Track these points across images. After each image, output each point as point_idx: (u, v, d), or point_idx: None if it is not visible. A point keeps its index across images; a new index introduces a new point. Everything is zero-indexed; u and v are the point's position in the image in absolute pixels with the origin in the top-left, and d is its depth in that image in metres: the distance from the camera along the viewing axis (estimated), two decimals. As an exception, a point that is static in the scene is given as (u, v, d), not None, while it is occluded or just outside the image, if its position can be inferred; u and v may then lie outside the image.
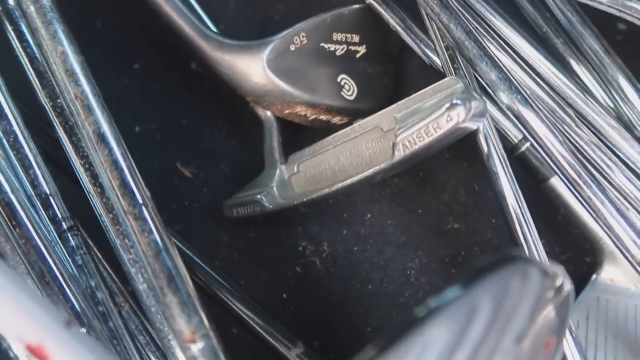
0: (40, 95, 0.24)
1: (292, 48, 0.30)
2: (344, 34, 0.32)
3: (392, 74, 0.35)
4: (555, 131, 0.25)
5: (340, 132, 0.28)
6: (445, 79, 0.25)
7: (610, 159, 0.27)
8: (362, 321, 0.31)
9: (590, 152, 0.27)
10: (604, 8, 0.24)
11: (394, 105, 0.27)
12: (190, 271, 0.27)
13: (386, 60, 0.34)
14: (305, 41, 0.30)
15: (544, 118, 0.25)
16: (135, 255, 0.21)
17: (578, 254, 0.31)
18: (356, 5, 0.32)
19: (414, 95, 0.26)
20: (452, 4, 0.26)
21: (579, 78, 0.29)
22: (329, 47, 0.31)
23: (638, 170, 0.27)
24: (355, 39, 0.32)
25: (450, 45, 0.27)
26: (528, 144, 0.28)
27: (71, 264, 0.21)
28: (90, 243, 0.23)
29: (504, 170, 0.26)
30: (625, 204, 0.27)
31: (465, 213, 0.33)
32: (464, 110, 0.23)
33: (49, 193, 0.22)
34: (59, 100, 0.23)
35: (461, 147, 0.28)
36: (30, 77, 0.24)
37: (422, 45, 0.30)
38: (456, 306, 0.13)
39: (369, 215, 0.33)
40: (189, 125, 0.36)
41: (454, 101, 0.24)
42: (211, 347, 0.19)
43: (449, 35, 0.26)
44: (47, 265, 0.20)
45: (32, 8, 0.24)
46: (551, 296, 0.14)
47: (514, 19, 0.31)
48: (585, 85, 0.29)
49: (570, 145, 0.25)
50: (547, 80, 0.29)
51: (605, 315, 0.28)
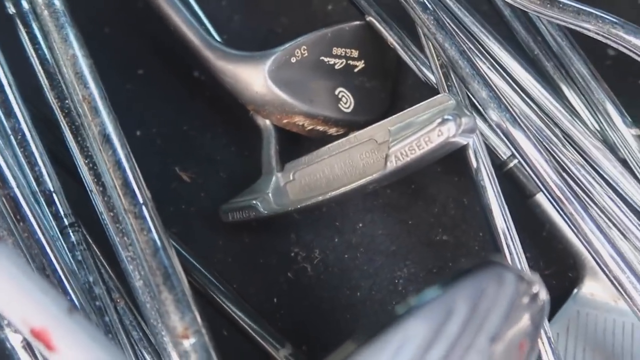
0: (49, 96, 0.25)
1: (293, 60, 0.31)
2: (344, 49, 0.33)
3: (389, 89, 0.36)
4: (541, 150, 0.26)
5: (335, 143, 0.29)
6: (439, 96, 0.27)
7: (594, 178, 0.28)
8: (350, 327, 0.32)
9: (574, 171, 0.28)
10: (591, 34, 0.25)
11: (389, 118, 0.28)
12: (185, 272, 0.28)
13: (383, 76, 0.35)
14: (306, 54, 0.31)
15: (531, 137, 0.26)
16: (134, 252, 0.21)
17: (561, 268, 0.32)
18: (356, 22, 0.33)
19: (408, 109, 0.27)
20: (448, 25, 0.28)
21: (567, 100, 0.31)
22: (328, 61, 0.32)
23: (620, 190, 0.28)
24: (355, 54, 0.33)
25: (445, 64, 0.28)
26: (516, 161, 0.29)
27: (71, 259, 0.22)
28: (90, 240, 0.24)
29: (492, 185, 0.27)
30: (607, 221, 0.28)
31: (454, 225, 0.34)
32: (454, 125, 0.24)
33: (52, 190, 0.23)
34: (67, 102, 0.24)
35: (452, 162, 0.29)
36: (40, 78, 0.25)
37: (418, 63, 0.32)
38: (434, 305, 0.13)
39: (360, 225, 0.34)
40: (189, 132, 0.37)
41: (445, 117, 0.25)
42: (203, 343, 0.20)
43: (443, 54, 0.28)
44: (48, 259, 0.21)
45: (46, 12, 0.25)
46: (526, 301, 0.15)
47: (506, 41, 0.32)
48: (573, 107, 0.30)
49: (555, 163, 0.26)
50: (536, 100, 0.30)
51: (585, 329, 0.29)
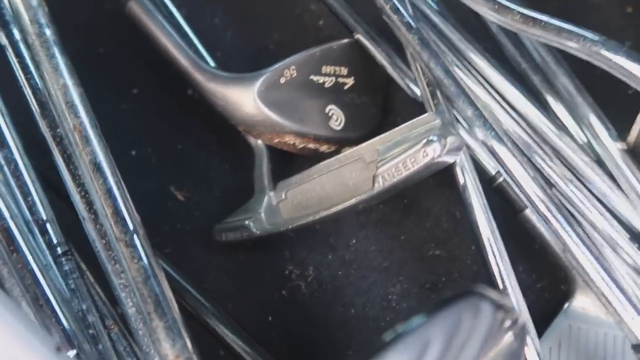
0: (41, 125, 0.25)
1: (283, 81, 0.31)
2: (333, 67, 0.33)
3: (380, 104, 0.36)
4: (527, 167, 0.26)
5: (326, 162, 0.30)
6: (425, 115, 0.27)
7: (581, 192, 0.29)
8: (344, 344, 0.32)
9: (562, 186, 0.28)
10: (573, 52, 0.26)
11: (377, 137, 0.28)
12: (179, 295, 0.28)
13: (374, 91, 0.36)
14: (295, 74, 0.31)
15: (517, 154, 0.26)
16: (126, 280, 0.22)
17: (553, 281, 0.33)
18: (345, 40, 0.33)
19: (396, 129, 0.28)
20: (433, 44, 0.28)
21: (554, 114, 0.31)
22: (318, 80, 0.33)
23: (608, 204, 0.28)
24: (344, 71, 0.34)
25: (431, 82, 0.29)
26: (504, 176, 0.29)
27: (64, 288, 0.23)
28: (83, 267, 0.25)
29: (479, 202, 0.27)
30: (596, 236, 0.28)
31: (446, 240, 0.34)
32: (439, 146, 0.25)
33: (45, 219, 0.24)
34: (58, 130, 0.25)
35: (444, 175, 0.29)
36: (33, 107, 0.26)
37: (407, 80, 0.32)
38: (410, 339, 0.14)
39: (354, 241, 0.34)
40: (184, 150, 0.37)
41: (430, 137, 0.25)
42: (194, 369, 0.20)
43: (429, 73, 0.28)
44: (41, 289, 0.21)
45: (37, 42, 0.26)
46: (504, 329, 0.15)
47: (494, 55, 0.32)
48: (560, 121, 0.31)
49: (542, 179, 0.26)
50: (523, 115, 0.30)
51: (577, 342, 0.29)
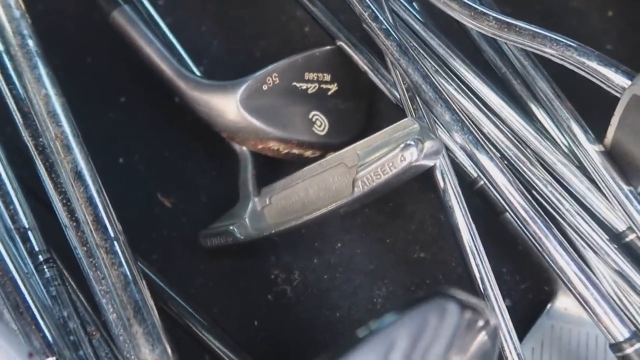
0: (23, 134, 0.26)
1: (265, 88, 0.31)
2: (316, 73, 0.34)
3: (364, 109, 0.37)
4: (505, 170, 0.26)
5: (309, 167, 0.30)
6: (404, 120, 0.27)
7: (561, 194, 0.29)
8: (330, 348, 0.32)
9: (542, 189, 0.29)
10: (548, 56, 0.26)
11: (358, 142, 0.29)
12: (163, 302, 0.28)
13: (357, 97, 0.36)
14: (277, 81, 0.32)
15: (495, 158, 0.26)
16: (106, 286, 0.22)
17: (537, 282, 0.33)
18: (327, 47, 0.34)
19: (376, 134, 0.28)
20: (412, 51, 0.28)
21: (535, 118, 0.31)
22: (301, 86, 0.33)
23: (588, 206, 0.29)
24: (327, 77, 0.34)
25: (410, 88, 0.29)
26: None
27: (46, 295, 0.23)
28: (65, 274, 0.25)
29: (459, 205, 0.28)
30: (576, 238, 0.29)
31: (431, 242, 0.34)
32: (416, 150, 0.25)
33: (27, 227, 0.24)
34: (40, 139, 0.25)
35: (428, 179, 0.30)
36: (15, 117, 0.26)
37: (388, 85, 0.32)
38: (378, 338, 0.14)
39: (339, 245, 0.35)
40: (170, 157, 0.38)
41: (408, 142, 0.25)
42: (173, 374, 0.20)
43: (408, 78, 0.28)
44: (22, 296, 0.21)
45: (19, 53, 0.26)
46: (473, 330, 0.16)
47: (474, 60, 0.33)
48: (541, 125, 0.31)
49: (520, 183, 0.26)
50: (503, 119, 0.31)
51: (559, 342, 0.29)
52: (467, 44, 0.33)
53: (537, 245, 0.25)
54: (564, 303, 0.30)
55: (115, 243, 0.22)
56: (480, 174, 0.26)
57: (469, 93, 0.31)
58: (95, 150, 0.26)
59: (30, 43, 0.26)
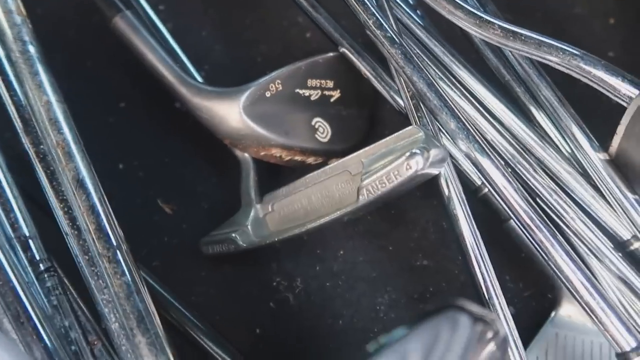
0: (24, 141, 0.25)
1: (268, 94, 0.31)
2: (319, 80, 0.33)
3: (366, 116, 0.37)
4: (510, 178, 0.26)
5: (312, 174, 0.30)
6: (409, 128, 0.27)
7: (565, 202, 0.29)
8: (333, 356, 0.32)
9: (547, 196, 0.29)
10: (554, 65, 0.26)
11: (362, 150, 0.28)
12: (164, 309, 0.28)
13: (360, 103, 0.36)
14: (280, 88, 0.32)
15: (500, 165, 0.26)
16: (109, 295, 0.22)
17: (540, 290, 0.33)
18: (330, 54, 0.34)
19: (381, 141, 0.28)
20: (416, 58, 0.28)
21: (538, 125, 0.31)
22: (303, 93, 0.33)
23: (592, 213, 0.29)
24: (330, 84, 0.34)
25: (415, 95, 0.29)
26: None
27: (46, 304, 0.22)
28: (67, 282, 0.25)
29: (464, 213, 0.27)
30: (581, 245, 0.28)
31: (434, 250, 0.34)
32: (422, 159, 0.25)
33: (28, 236, 0.24)
34: (42, 147, 0.25)
35: (431, 186, 0.30)
36: (16, 124, 0.26)
37: (391, 92, 0.32)
38: (390, 352, 0.14)
39: (341, 252, 0.34)
40: (171, 163, 0.37)
41: (413, 150, 0.25)
42: (177, 385, 0.20)
43: (412, 86, 0.28)
44: (23, 306, 0.21)
45: (20, 59, 0.26)
46: (484, 341, 0.15)
47: (477, 67, 0.33)
48: (544, 132, 0.31)
49: (524, 191, 0.26)
50: (507, 126, 0.31)
51: (563, 351, 0.29)
52: (471, 50, 0.33)
53: (542, 253, 0.25)
54: (568, 311, 0.30)
55: (117, 252, 0.22)
56: (485, 181, 0.26)
57: (473, 100, 0.31)
58: (95, 155, 0.26)
59: (32, 49, 0.26)
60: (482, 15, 0.27)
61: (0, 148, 0.26)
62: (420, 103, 0.29)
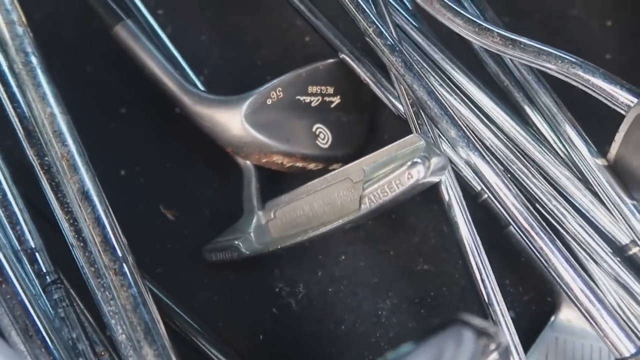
0: (29, 153, 0.25)
1: (269, 102, 0.31)
2: (319, 87, 0.34)
3: (366, 122, 0.37)
4: (510, 184, 0.27)
5: (314, 181, 0.30)
6: (409, 136, 0.27)
7: (564, 208, 0.29)
8: (336, 361, 0.32)
9: (546, 202, 0.29)
10: (552, 73, 0.26)
11: (364, 157, 0.29)
12: (167, 317, 0.28)
13: (360, 109, 0.36)
14: (281, 95, 0.32)
15: (500, 172, 0.27)
16: (115, 307, 0.22)
17: (540, 294, 0.33)
18: (330, 60, 0.34)
19: (382, 149, 0.28)
20: (416, 66, 0.29)
21: (537, 131, 0.31)
22: (304, 99, 0.33)
23: (591, 219, 0.29)
24: (330, 90, 0.34)
25: (415, 103, 0.29)
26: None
27: (54, 317, 0.23)
28: (73, 293, 0.25)
29: (464, 219, 0.28)
30: (580, 250, 0.29)
31: (434, 254, 0.35)
32: (423, 168, 0.25)
33: (34, 248, 0.24)
34: (46, 159, 0.25)
35: (431, 191, 0.30)
36: (20, 136, 0.26)
37: (392, 98, 0.32)
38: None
39: (343, 257, 0.35)
40: (172, 169, 0.38)
41: (415, 159, 0.25)
42: (184, 397, 0.20)
43: (413, 94, 0.28)
44: (31, 319, 0.21)
45: (23, 71, 0.26)
46: (487, 355, 0.16)
47: (477, 72, 0.33)
48: (543, 138, 0.31)
49: (524, 197, 0.27)
50: (507, 132, 0.31)
51: (563, 355, 0.29)
52: (469, 56, 0.34)
53: (542, 259, 0.25)
54: (567, 315, 0.30)
55: (123, 264, 0.22)
56: (484, 188, 0.27)
57: (472, 106, 0.31)
58: (96, 162, 0.26)
59: (34, 60, 0.26)
60: (482, 23, 0.27)
61: (6, 160, 0.26)
62: (420, 110, 0.29)
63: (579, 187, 0.29)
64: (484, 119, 0.31)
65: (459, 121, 0.27)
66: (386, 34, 0.29)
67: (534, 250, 0.25)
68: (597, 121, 0.32)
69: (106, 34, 0.34)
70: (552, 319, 0.31)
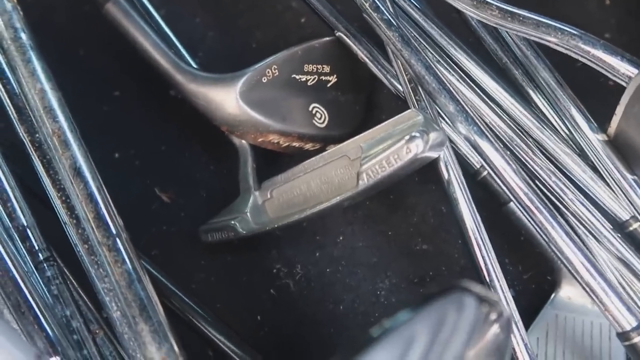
0: (19, 130, 0.25)
1: (264, 80, 0.31)
2: (315, 65, 0.33)
3: (363, 101, 0.36)
4: (510, 160, 0.26)
5: (310, 160, 0.30)
6: (407, 111, 0.27)
7: (564, 184, 0.29)
8: (335, 341, 0.32)
9: (545, 178, 0.29)
10: (552, 46, 0.26)
11: (361, 135, 0.28)
12: (165, 298, 0.28)
13: (357, 88, 0.36)
14: (277, 73, 0.31)
15: (500, 148, 0.26)
16: (109, 284, 0.22)
17: (540, 272, 0.33)
18: (326, 38, 0.33)
19: (379, 126, 0.28)
20: (414, 41, 0.28)
21: (537, 107, 0.31)
22: (300, 78, 0.33)
23: (591, 195, 0.29)
24: (326, 69, 0.34)
25: (412, 79, 0.29)
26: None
27: (47, 294, 0.22)
28: (66, 272, 0.24)
29: (463, 196, 0.27)
30: (579, 226, 0.28)
31: (433, 234, 0.34)
32: (422, 142, 0.25)
33: (26, 225, 0.23)
34: (37, 135, 0.24)
35: (429, 171, 0.30)
36: (10, 113, 0.25)
37: (389, 76, 0.32)
38: (396, 335, 0.14)
39: (341, 238, 0.34)
40: (167, 151, 0.37)
41: (413, 134, 0.25)
42: (181, 373, 0.20)
43: (410, 69, 0.28)
44: (23, 296, 0.21)
45: (12, 47, 0.25)
46: (489, 323, 0.15)
47: (475, 50, 0.32)
48: (543, 114, 0.31)
49: (525, 172, 0.26)
50: (506, 109, 0.30)
51: (564, 332, 0.29)
52: (467, 33, 0.33)
53: (543, 234, 0.25)
54: (567, 292, 0.30)
55: (117, 240, 0.22)
56: (484, 164, 0.26)
57: (471, 83, 0.31)
58: (90, 145, 0.26)
59: (24, 36, 0.26)
60: (480, -4, 0.27)
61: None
62: (418, 86, 0.29)
63: (578, 163, 0.29)
64: (483, 95, 0.30)
65: (458, 96, 0.27)
66: (383, 9, 0.28)
67: (535, 225, 0.25)
68: (596, 98, 0.31)
69: (98, 17, 0.34)
70: (552, 296, 0.31)
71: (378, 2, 0.29)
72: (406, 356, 0.13)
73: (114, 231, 0.22)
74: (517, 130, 0.30)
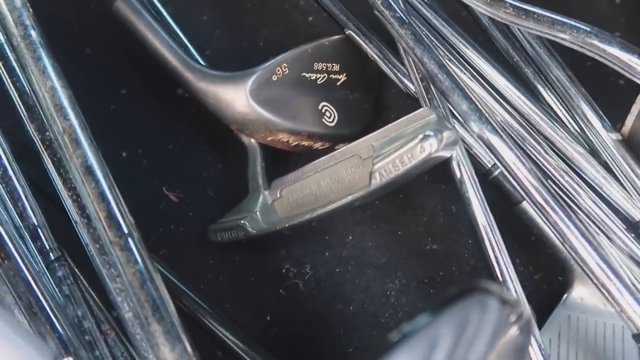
0: (29, 128, 0.25)
1: (274, 78, 0.31)
2: (325, 64, 0.33)
3: (372, 100, 0.36)
4: (523, 159, 0.26)
5: (321, 159, 0.29)
6: (420, 110, 0.27)
7: (577, 183, 0.29)
8: (345, 342, 0.32)
9: (558, 177, 0.28)
10: (567, 44, 0.26)
11: (372, 133, 0.28)
12: (176, 298, 0.28)
13: (366, 87, 0.35)
14: (287, 71, 0.31)
15: (513, 146, 0.26)
16: (122, 284, 0.21)
17: (551, 273, 0.33)
18: (336, 36, 0.33)
19: (391, 124, 0.27)
20: (426, 39, 0.28)
21: (549, 106, 0.31)
22: (310, 76, 0.32)
23: (604, 194, 0.29)
24: (336, 67, 0.33)
25: (425, 77, 0.28)
26: (501, 169, 0.29)
27: (58, 294, 0.22)
28: (77, 272, 0.24)
29: (476, 196, 0.27)
30: (592, 226, 0.28)
31: (443, 234, 0.34)
32: (436, 141, 0.25)
33: (37, 224, 0.23)
34: (47, 134, 0.24)
35: (439, 170, 0.29)
36: (20, 111, 0.25)
37: (400, 75, 0.32)
38: (420, 337, 0.14)
39: (350, 238, 0.34)
40: (175, 150, 0.37)
41: (427, 132, 0.25)
42: (194, 374, 0.20)
43: (423, 68, 0.28)
44: (35, 296, 0.21)
45: (22, 44, 0.25)
46: (510, 325, 0.15)
47: (486, 48, 0.32)
48: (555, 113, 0.31)
49: (538, 171, 0.26)
50: (518, 108, 0.30)
51: (576, 333, 0.29)
52: (478, 31, 0.33)
53: (557, 234, 0.25)
54: (580, 293, 0.30)
55: (129, 239, 0.22)
56: (498, 163, 0.26)
57: (483, 82, 0.30)
58: (97, 143, 0.25)
59: (33, 34, 0.25)
60: (494, -6, 0.27)
61: (6, 136, 0.26)
62: (430, 85, 0.28)
63: (592, 163, 0.29)
64: (495, 94, 0.30)
65: (471, 95, 0.26)
66: (394, 6, 0.28)
67: (549, 224, 0.25)
68: (608, 97, 0.31)
69: (106, 15, 0.34)
70: (565, 296, 0.30)
71: (390, 0, 0.29)
72: (430, 357, 0.13)
73: (126, 230, 0.22)
74: (530, 129, 0.30)
